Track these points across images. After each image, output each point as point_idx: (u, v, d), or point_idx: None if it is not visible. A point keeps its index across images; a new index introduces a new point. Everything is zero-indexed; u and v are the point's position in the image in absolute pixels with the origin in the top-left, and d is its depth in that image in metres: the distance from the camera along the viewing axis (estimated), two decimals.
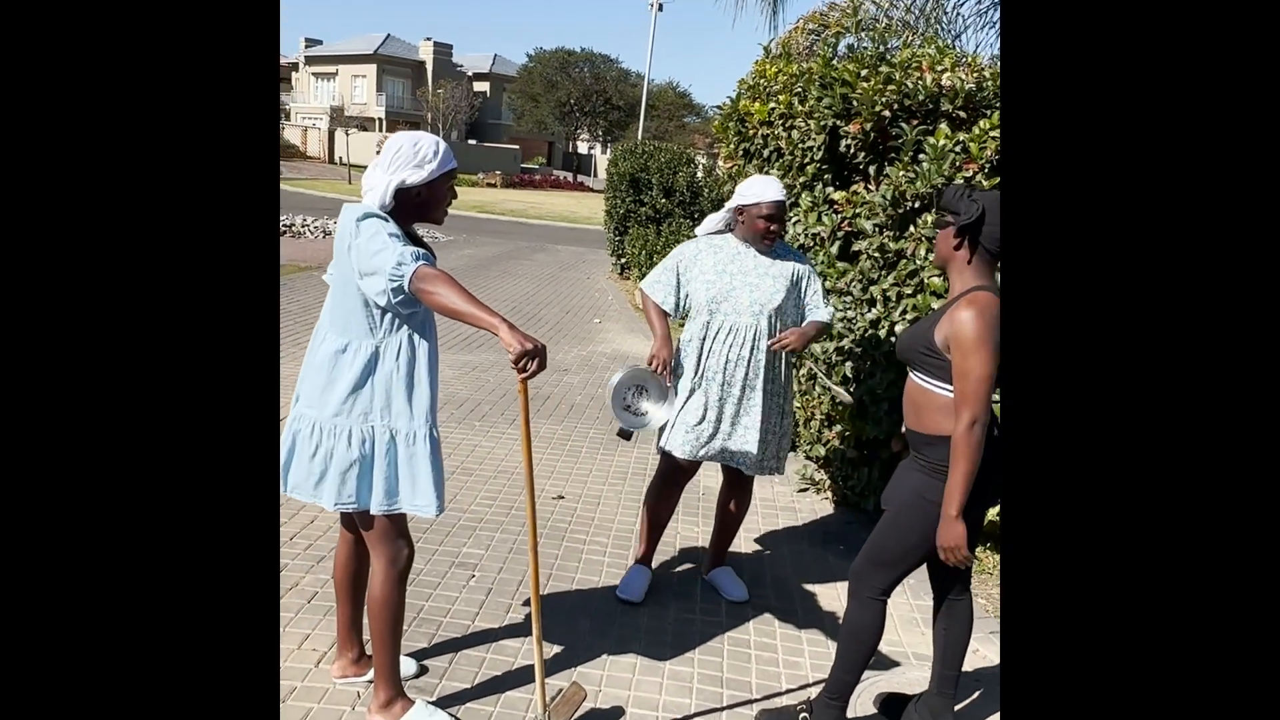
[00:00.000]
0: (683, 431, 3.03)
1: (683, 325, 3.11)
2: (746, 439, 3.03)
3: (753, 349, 2.98)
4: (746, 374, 2.99)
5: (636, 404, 3.02)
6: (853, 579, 2.39)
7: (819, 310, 3.07)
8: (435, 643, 2.81)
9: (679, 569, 3.50)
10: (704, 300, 2.99)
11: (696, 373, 3.02)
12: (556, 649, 2.84)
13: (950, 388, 2.14)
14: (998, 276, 2.21)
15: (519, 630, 2.93)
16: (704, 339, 3.00)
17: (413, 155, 2.11)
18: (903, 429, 2.37)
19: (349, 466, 2.15)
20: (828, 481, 4.39)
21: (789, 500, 4.34)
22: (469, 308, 1.89)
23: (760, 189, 2.91)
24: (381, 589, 2.27)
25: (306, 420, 2.17)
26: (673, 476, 3.16)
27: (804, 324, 3.04)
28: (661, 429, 3.07)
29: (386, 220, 2.07)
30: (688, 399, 3.03)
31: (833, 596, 3.37)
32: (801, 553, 3.74)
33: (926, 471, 2.23)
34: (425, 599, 3.07)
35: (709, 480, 4.45)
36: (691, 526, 3.94)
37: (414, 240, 2.18)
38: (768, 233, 2.93)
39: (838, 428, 4.21)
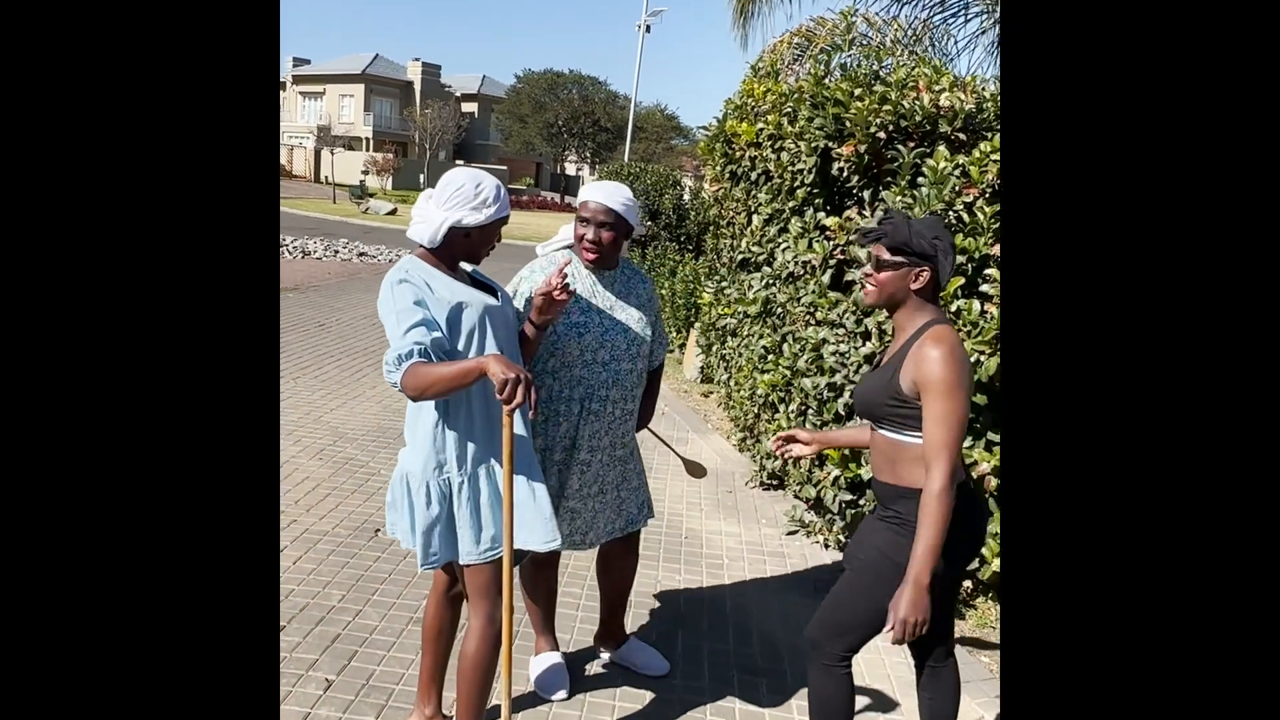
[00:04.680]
0: (567, 520, 2.51)
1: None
2: (633, 497, 2.65)
3: (631, 400, 2.54)
4: (624, 431, 2.55)
5: None
6: (811, 647, 2.14)
7: (660, 351, 2.67)
8: (383, 716, 2.52)
9: (658, 625, 3.22)
10: (574, 349, 2.41)
11: (575, 443, 2.47)
12: None
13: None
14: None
15: None
16: (577, 397, 2.46)
17: (473, 196, 2.05)
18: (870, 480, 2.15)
19: (436, 522, 2.11)
20: (819, 524, 4.13)
21: (777, 544, 4.08)
22: (453, 371, 1.88)
23: (587, 190, 2.41)
24: (478, 648, 2.14)
25: (415, 476, 2.11)
26: (550, 560, 2.71)
27: (644, 397, 2.65)
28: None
29: (403, 283, 2.01)
30: (569, 477, 2.48)
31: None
32: (791, 605, 3.47)
33: (895, 528, 2.01)
34: (377, 662, 2.78)
35: (671, 510, 4.18)
36: (671, 573, 3.66)
37: (472, 281, 2.18)
38: (581, 240, 2.40)
39: (829, 468, 3.96)
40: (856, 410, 2.11)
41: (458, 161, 43.89)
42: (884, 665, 3.05)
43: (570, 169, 51.88)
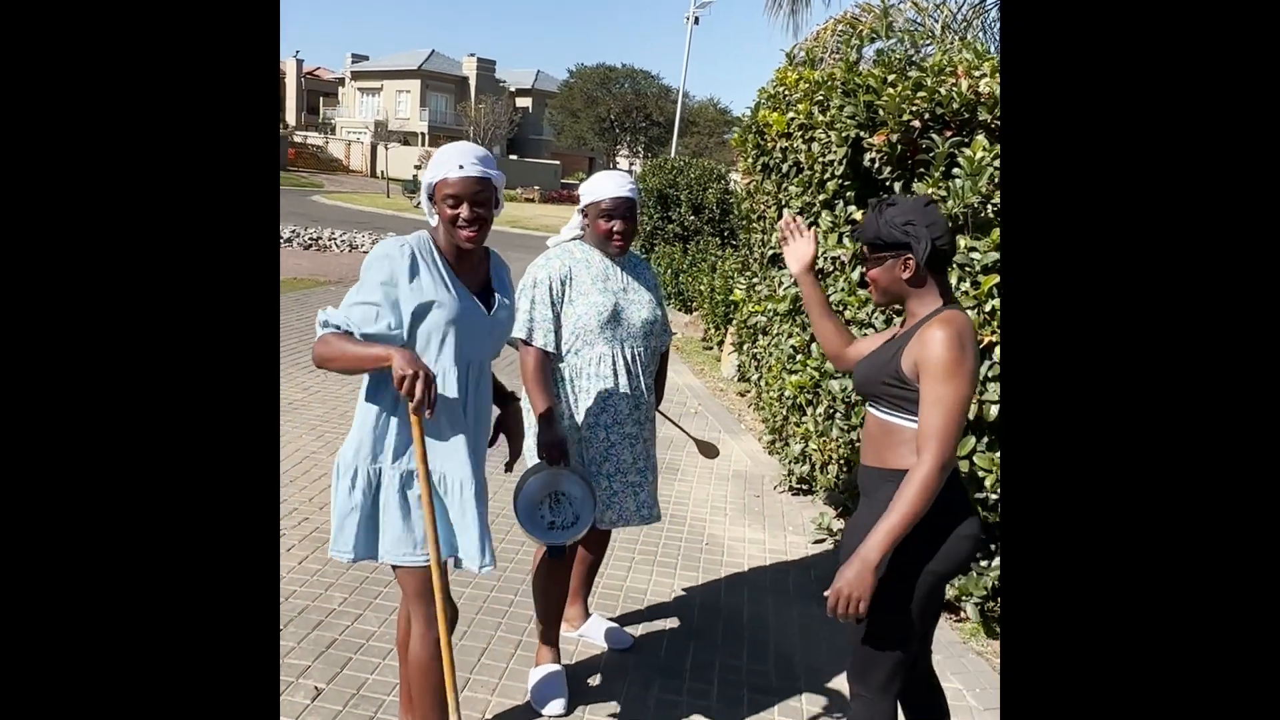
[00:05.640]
0: (624, 494, 2.58)
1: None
2: (651, 482, 2.66)
3: (649, 376, 2.62)
4: (646, 406, 2.62)
5: (560, 513, 2.38)
6: (852, 679, 1.98)
7: (666, 335, 2.71)
8: None
9: (669, 637, 3.08)
10: (595, 325, 2.47)
11: (602, 419, 2.53)
12: None
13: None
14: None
15: None
16: (604, 374, 2.51)
17: (442, 160, 1.96)
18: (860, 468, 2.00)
19: (353, 512, 1.99)
20: None
21: (802, 552, 3.90)
22: (358, 352, 1.83)
23: (599, 185, 2.48)
24: (418, 653, 2.03)
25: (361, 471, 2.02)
26: (565, 562, 2.60)
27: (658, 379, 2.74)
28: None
29: (387, 258, 1.92)
30: (608, 452, 2.55)
31: (845, 674, 2.92)
32: (811, 618, 3.29)
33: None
34: (370, 671, 2.69)
35: (677, 513, 4.03)
36: (688, 581, 3.51)
37: (481, 284, 2.07)
38: (611, 234, 2.47)
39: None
40: (855, 386, 1.98)
41: (511, 156, 44.13)
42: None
43: (622, 163, 51.83)
